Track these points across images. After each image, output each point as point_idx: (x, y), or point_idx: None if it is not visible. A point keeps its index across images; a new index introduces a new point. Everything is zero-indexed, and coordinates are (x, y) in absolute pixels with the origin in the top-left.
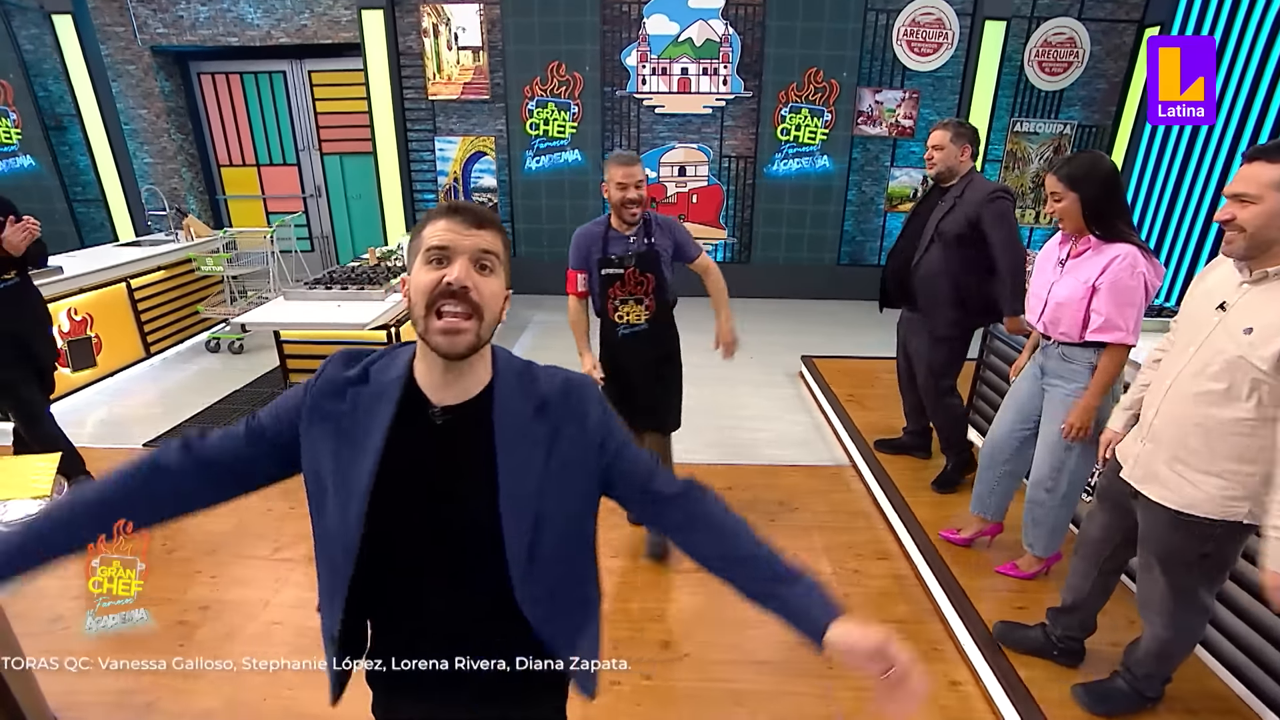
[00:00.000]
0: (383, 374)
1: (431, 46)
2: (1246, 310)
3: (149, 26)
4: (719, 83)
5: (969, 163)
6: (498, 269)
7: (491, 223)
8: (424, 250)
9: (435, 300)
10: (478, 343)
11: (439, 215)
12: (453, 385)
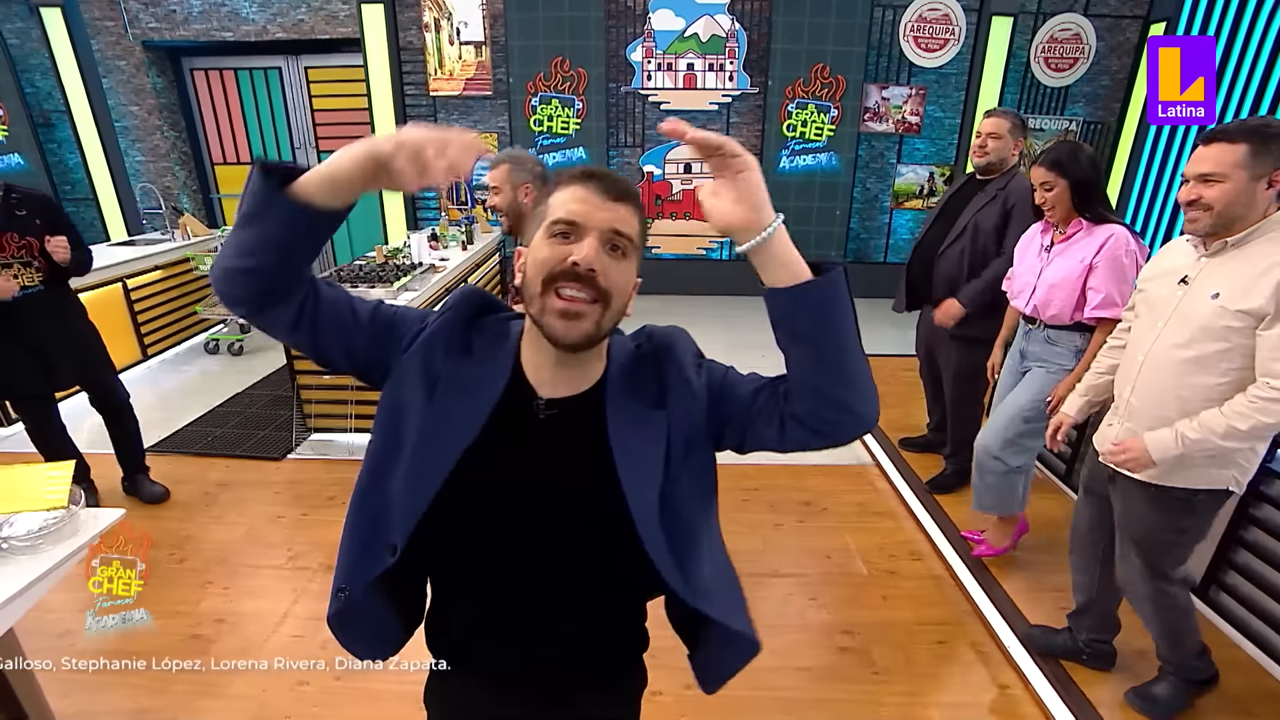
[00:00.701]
0: (491, 347)
1: (433, 41)
2: (1209, 279)
3: (140, 21)
4: (725, 79)
5: (1016, 158)
6: (631, 253)
7: (631, 196)
8: (549, 220)
9: (555, 278)
10: (597, 333)
11: (572, 180)
12: (562, 378)
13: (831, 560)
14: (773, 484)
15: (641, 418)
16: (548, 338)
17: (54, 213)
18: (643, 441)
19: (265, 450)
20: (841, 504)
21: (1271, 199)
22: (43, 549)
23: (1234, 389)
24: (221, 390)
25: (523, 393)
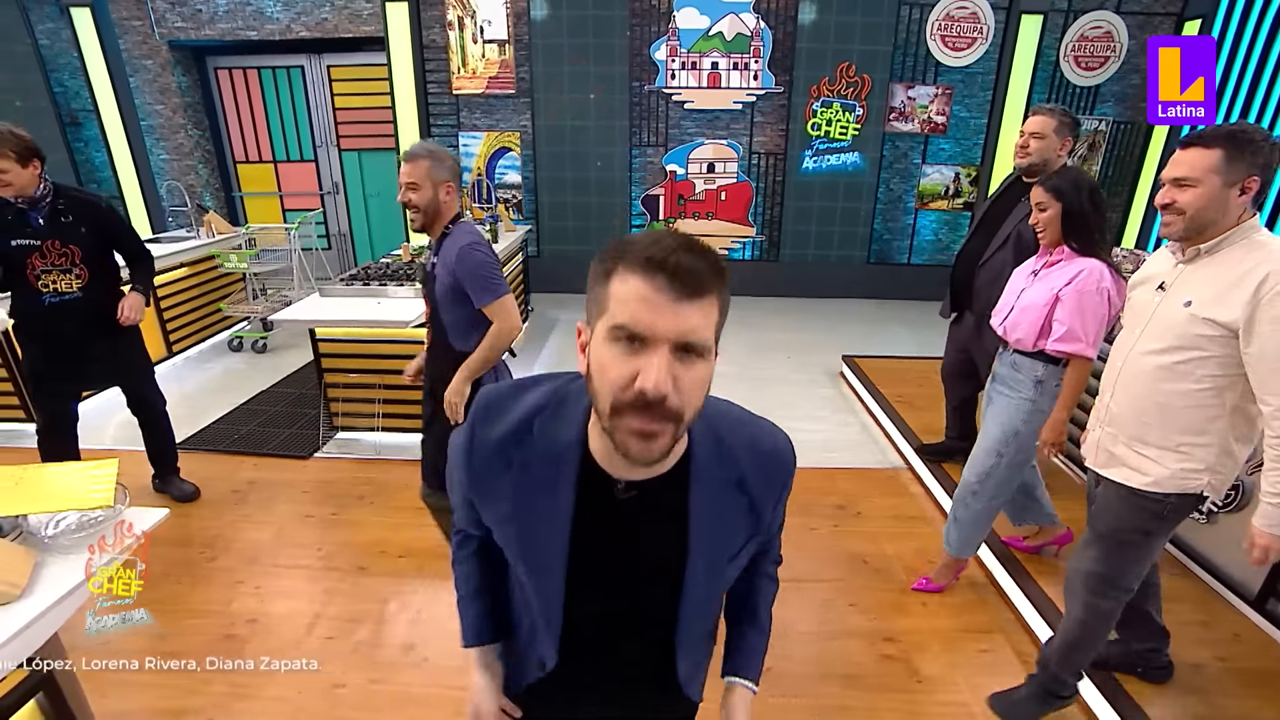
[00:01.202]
0: (552, 433)
1: (456, 39)
2: (1184, 286)
3: (167, 20)
4: (749, 78)
5: (1064, 159)
6: (710, 353)
7: (712, 285)
8: (612, 323)
9: (624, 407)
10: (671, 445)
11: (635, 270)
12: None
13: (869, 565)
14: (802, 486)
15: (724, 500)
16: (621, 454)
17: (104, 221)
18: (721, 522)
19: (293, 449)
20: (875, 508)
21: (1245, 206)
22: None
23: (1212, 397)
24: (246, 388)
25: (595, 473)
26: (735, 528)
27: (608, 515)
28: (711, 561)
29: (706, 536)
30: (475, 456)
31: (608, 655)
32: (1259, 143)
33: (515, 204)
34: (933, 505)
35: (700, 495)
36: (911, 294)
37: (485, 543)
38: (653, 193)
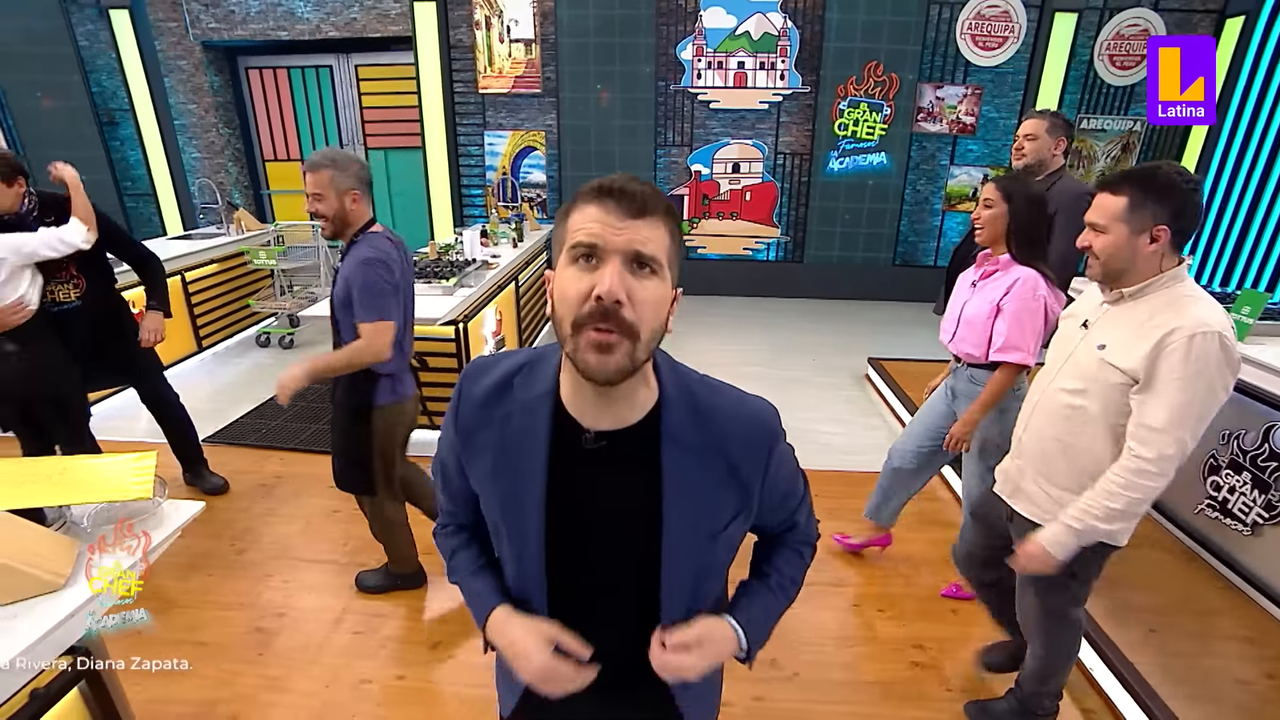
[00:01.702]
0: (527, 388)
1: (483, 39)
2: (1103, 328)
3: (201, 21)
4: (776, 77)
5: (1060, 159)
6: (662, 268)
7: (654, 208)
8: (569, 245)
9: (584, 321)
10: (631, 365)
11: (588, 198)
12: (607, 409)
13: (898, 571)
14: (828, 490)
15: (698, 460)
16: (582, 374)
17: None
18: (696, 482)
19: (319, 444)
20: (902, 514)
21: (1160, 253)
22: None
23: (1113, 443)
24: (273, 383)
25: (567, 428)
26: (717, 498)
27: (577, 467)
28: (691, 528)
29: (683, 499)
30: (462, 411)
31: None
32: (1170, 188)
33: (540, 203)
34: (958, 508)
35: (674, 456)
36: (938, 297)
37: (474, 530)
38: (677, 192)
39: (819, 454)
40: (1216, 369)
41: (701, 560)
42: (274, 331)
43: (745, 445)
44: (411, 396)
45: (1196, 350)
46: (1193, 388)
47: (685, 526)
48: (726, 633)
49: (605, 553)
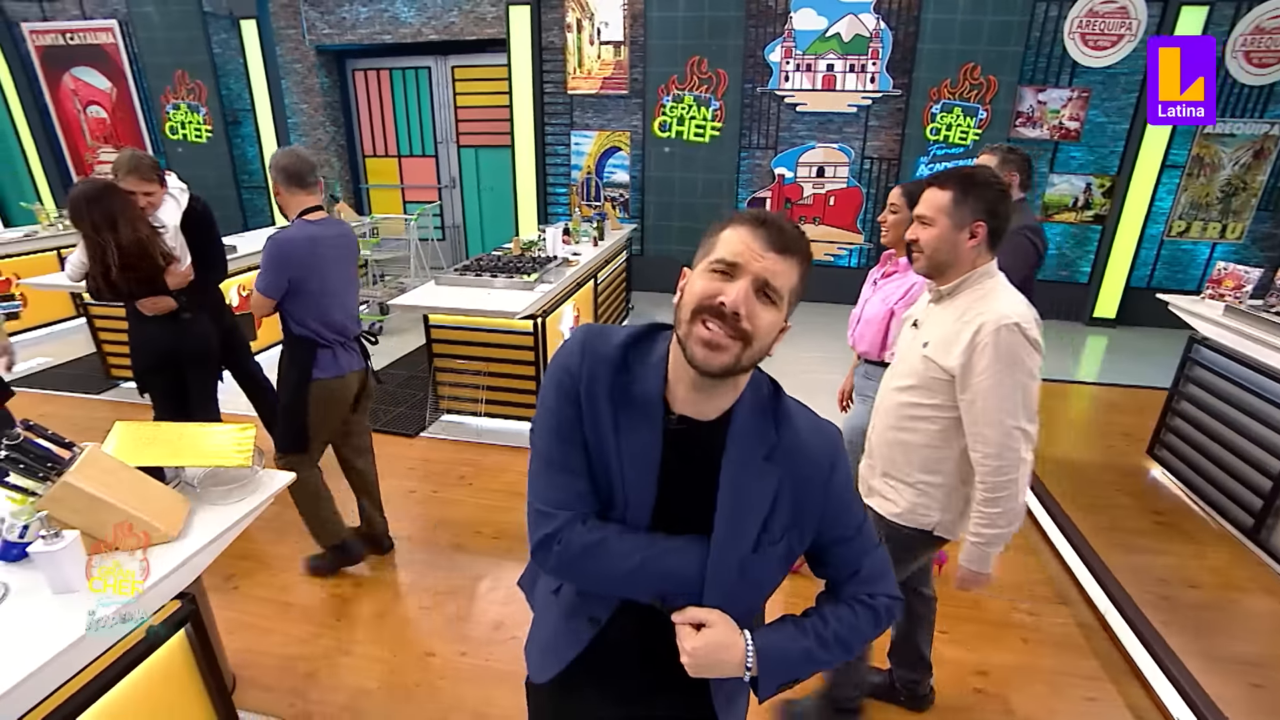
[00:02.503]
0: (642, 361)
1: (574, 41)
2: (927, 327)
3: (316, 28)
4: (866, 80)
5: (1017, 192)
6: (784, 302)
7: (797, 250)
8: (713, 257)
9: (703, 311)
10: (735, 366)
11: (743, 223)
12: (695, 400)
13: (966, 594)
14: None
15: (758, 460)
16: (689, 360)
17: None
18: (752, 480)
19: (400, 426)
20: None
21: (978, 250)
22: (233, 502)
23: (941, 439)
24: None
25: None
26: (771, 504)
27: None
28: (740, 527)
29: (737, 494)
30: (588, 364)
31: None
32: (987, 186)
33: (622, 202)
34: (1039, 536)
35: (734, 450)
36: None
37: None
38: (760, 195)
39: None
40: (1025, 355)
41: (746, 568)
42: (365, 318)
43: (807, 456)
44: (351, 372)
45: (1002, 343)
46: (1008, 378)
47: (734, 523)
48: (735, 638)
49: (673, 526)
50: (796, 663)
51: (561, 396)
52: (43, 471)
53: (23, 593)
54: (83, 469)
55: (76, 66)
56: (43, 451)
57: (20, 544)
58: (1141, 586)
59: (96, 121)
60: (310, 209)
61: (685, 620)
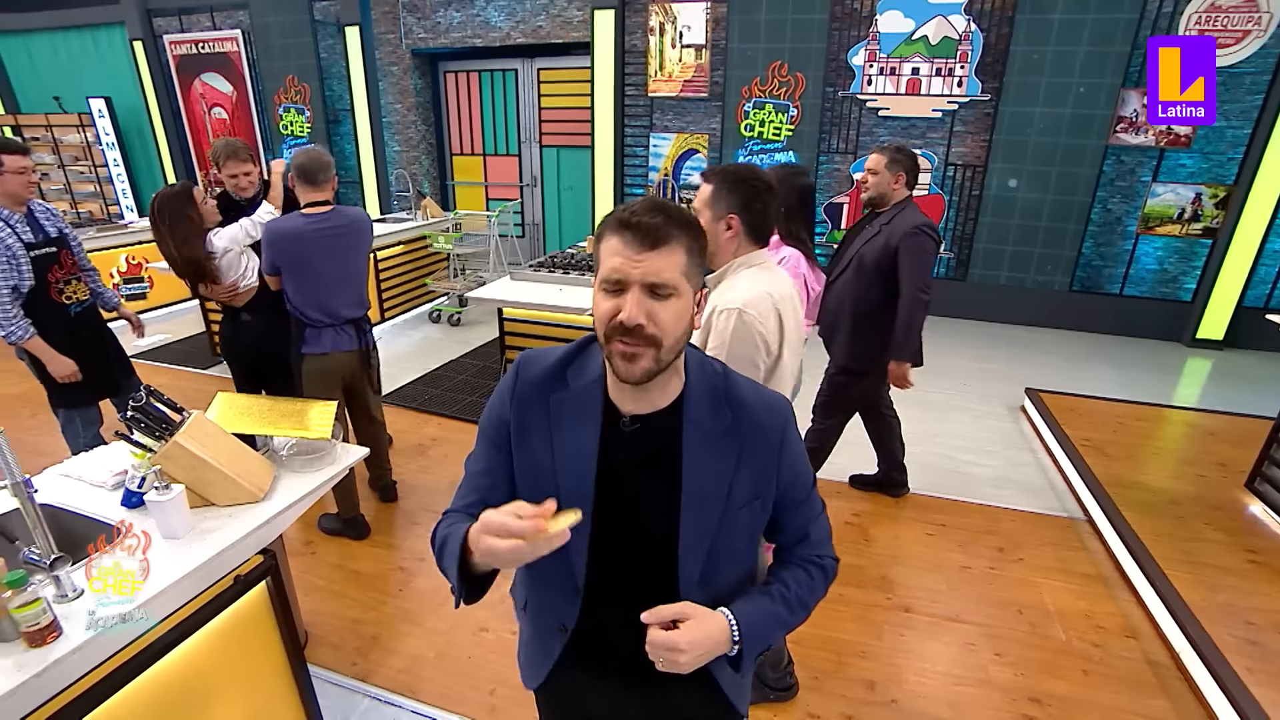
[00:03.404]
0: (579, 377)
1: (656, 44)
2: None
3: (413, 33)
4: (953, 84)
5: (903, 191)
6: (680, 288)
7: (665, 239)
8: (599, 276)
9: (610, 336)
10: (657, 368)
11: (612, 231)
12: (640, 398)
13: (1023, 617)
14: (963, 521)
15: (715, 440)
16: (615, 374)
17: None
18: (712, 460)
19: (473, 414)
20: (1042, 557)
21: (740, 241)
22: (312, 471)
23: None
24: (439, 355)
25: (610, 412)
26: (732, 476)
27: (617, 447)
28: (706, 501)
29: (699, 473)
30: (519, 390)
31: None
32: (740, 182)
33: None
34: (1112, 565)
35: (694, 435)
36: (1122, 329)
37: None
38: (837, 200)
39: (958, 483)
40: (734, 340)
41: (719, 538)
42: (445, 309)
43: (760, 429)
44: (339, 351)
45: (719, 325)
46: (725, 357)
47: (700, 499)
48: (716, 621)
49: (636, 523)
50: (771, 630)
51: (492, 422)
52: (159, 431)
53: None
54: (190, 431)
55: (205, 73)
56: (159, 414)
57: (139, 493)
58: (1226, 628)
59: (219, 122)
60: (313, 203)
61: (656, 619)
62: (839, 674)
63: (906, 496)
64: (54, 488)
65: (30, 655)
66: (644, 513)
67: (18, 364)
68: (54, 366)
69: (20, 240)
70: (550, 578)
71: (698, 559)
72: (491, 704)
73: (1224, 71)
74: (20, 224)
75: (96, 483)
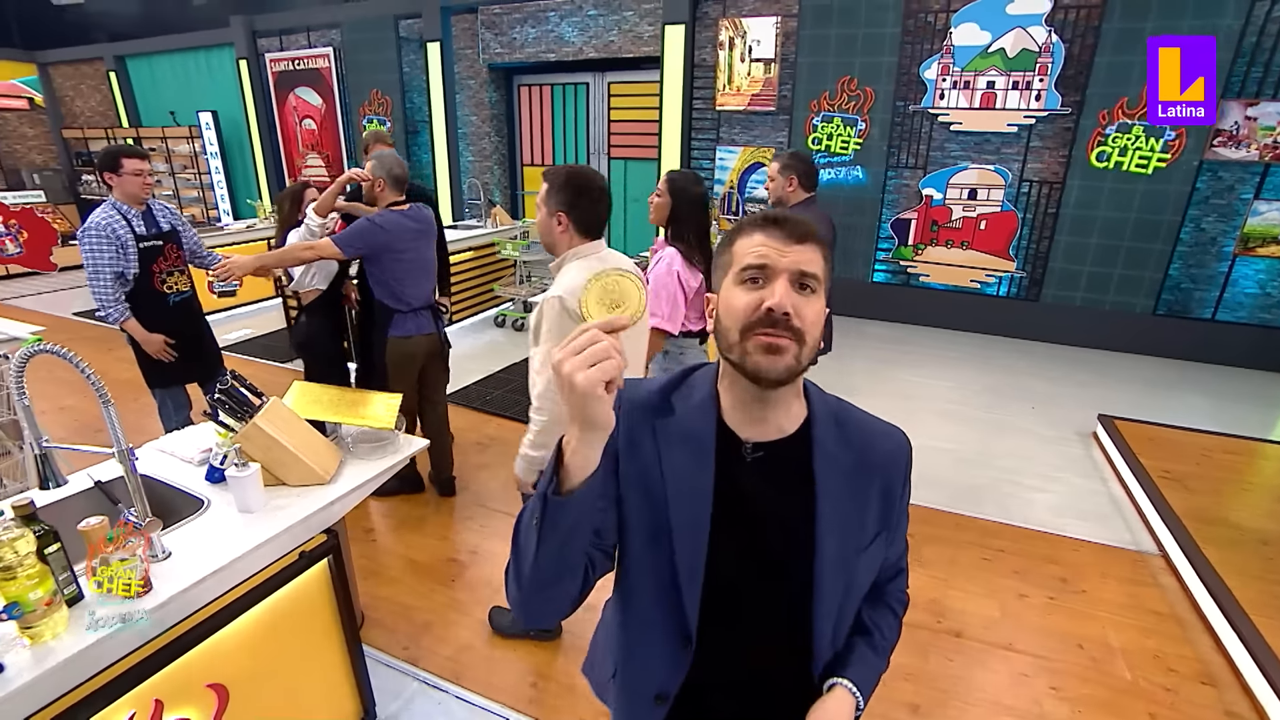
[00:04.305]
0: (686, 401)
1: (725, 58)
2: None
3: (490, 48)
4: (1030, 98)
5: (800, 193)
6: (819, 289)
7: (813, 236)
8: (737, 268)
9: (753, 326)
10: (797, 367)
11: (754, 227)
12: (764, 420)
13: (1084, 651)
14: (1023, 548)
15: (849, 471)
16: (750, 376)
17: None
18: (847, 492)
19: None
20: (1107, 590)
21: (571, 235)
22: (375, 459)
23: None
24: (502, 358)
25: (727, 438)
26: (864, 512)
27: (739, 477)
28: (842, 539)
29: (835, 509)
30: (624, 413)
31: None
32: (564, 186)
33: None
34: (1189, 605)
35: (826, 466)
36: (1212, 356)
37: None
38: (904, 216)
39: (1021, 509)
40: (556, 323)
41: (850, 576)
42: (510, 314)
43: (889, 461)
44: (421, 334)
45: (545, 310)
46: (548, 339)
47: (837, 537)
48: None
49: (758, 559)
50: (872, 687)
51: None
52: (241, 413)
53: (218, 507)
54: (268, 415)
55: (299, 87)
56: (242, 397)
57: (220, 469)
58: None
59: (308, 133)
60: (395, 203)
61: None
62: (882, 696)
63: (964, 518)
64: (150, 460)
65: (125, 605)
66: (771, 551)
67: (128, 351)
68: (147, 343)
69: (132, 232)
70: (652, 628)
71: (834, 602)
72: (532, 695)
73: None
74: (135, 218)
75: (185, 458)
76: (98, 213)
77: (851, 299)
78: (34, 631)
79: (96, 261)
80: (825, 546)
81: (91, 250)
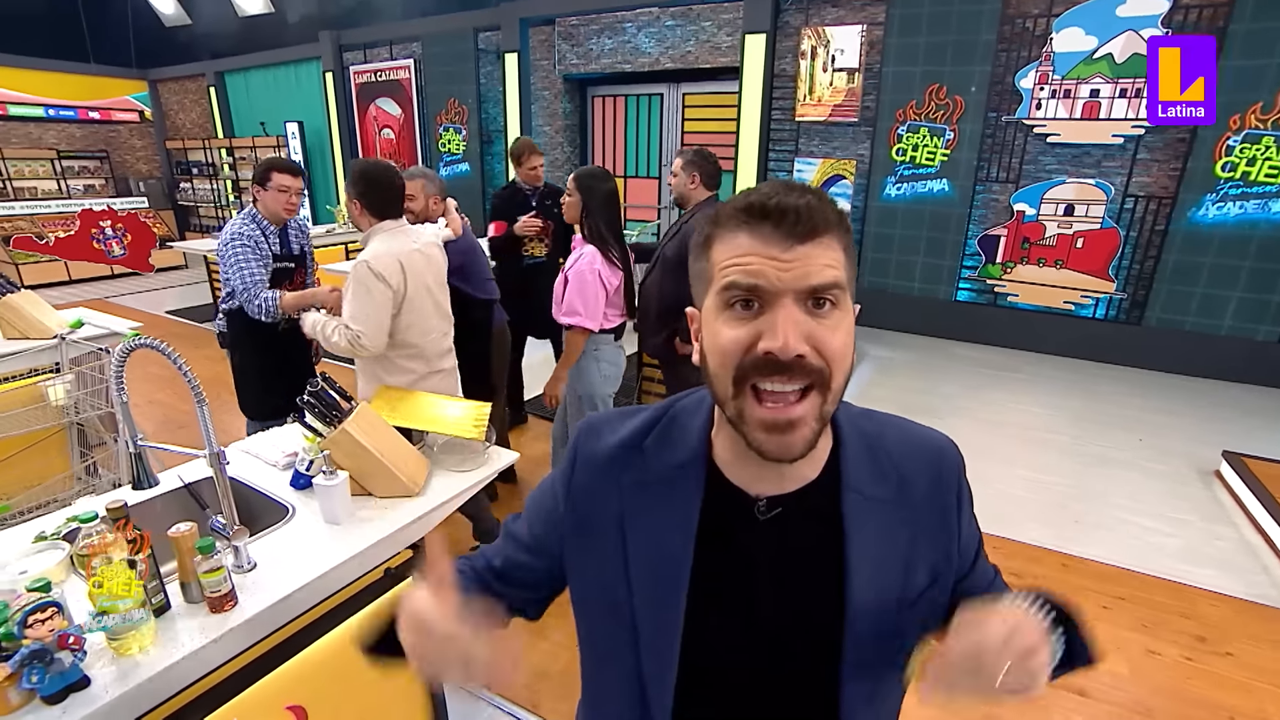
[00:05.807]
0: (664, 452)
1: (806, 68)
2: None
3: (566, 59)
4: (1139, 107)
5: (703, 191)
6: (843, 298)
7: (821, 227)
8: (719, 286)
9: (749, 373)
10: (821, 426)
11: (736, 224)
12: (780, 474)
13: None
14: (1147, 597)
15: (886, 512)
16: (755, 451)
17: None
18: (884, 541)
19: None
20: (1257, 655)
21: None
22: (464, 470)
23: None
24: None
25: (726, 491)
26: (908, 554)
27: (747, 543)
28: (880, 594)
29: (870, 558)
30: (578, 475)
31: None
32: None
33: None
34: None
35: (857, 510)
36: None
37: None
38: (993, 232)
39: (1139, 553)
40: (361, 284)
41: (889, 640)
42: None
43: (938, 483)
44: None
45: (357, 274)
46: (356, 297)
47: (873, 593)
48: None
49: (763, 637)
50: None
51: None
52: (330, 417)
53: (303, 515)
54: (357, 420)
55: (379, 98)
56: (332, 400)
57: (307, 476)
58: None
59: (386, 142)
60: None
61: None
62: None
63: (1071, 559)
64: (235, 462)
65: (211, 620)
66: (781, 626)
67: (216, 350)
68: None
69: (270, 249)
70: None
71: (869, 674)
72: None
73: None
74: (273, 235)
75: (270, 461)
76: (237, 221)
77: (932, 317)
78: (120, 644)
79: (241, 260)
80: (857, 602)
81: (236, 255)
